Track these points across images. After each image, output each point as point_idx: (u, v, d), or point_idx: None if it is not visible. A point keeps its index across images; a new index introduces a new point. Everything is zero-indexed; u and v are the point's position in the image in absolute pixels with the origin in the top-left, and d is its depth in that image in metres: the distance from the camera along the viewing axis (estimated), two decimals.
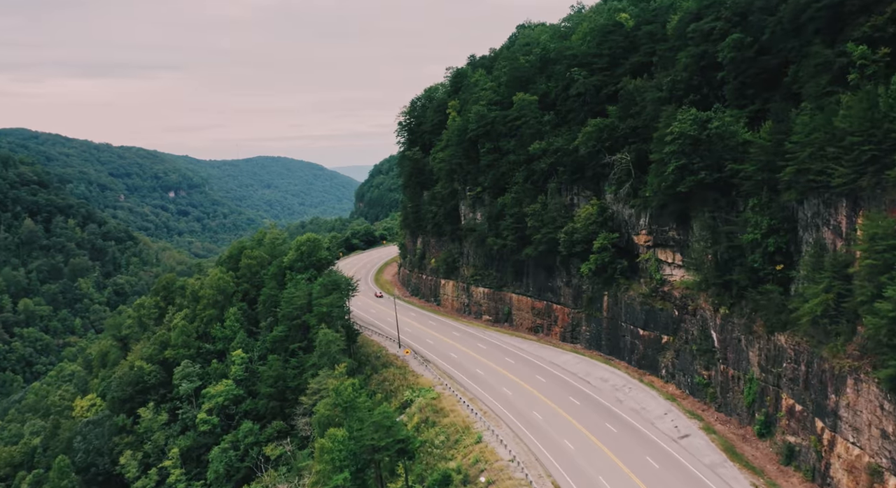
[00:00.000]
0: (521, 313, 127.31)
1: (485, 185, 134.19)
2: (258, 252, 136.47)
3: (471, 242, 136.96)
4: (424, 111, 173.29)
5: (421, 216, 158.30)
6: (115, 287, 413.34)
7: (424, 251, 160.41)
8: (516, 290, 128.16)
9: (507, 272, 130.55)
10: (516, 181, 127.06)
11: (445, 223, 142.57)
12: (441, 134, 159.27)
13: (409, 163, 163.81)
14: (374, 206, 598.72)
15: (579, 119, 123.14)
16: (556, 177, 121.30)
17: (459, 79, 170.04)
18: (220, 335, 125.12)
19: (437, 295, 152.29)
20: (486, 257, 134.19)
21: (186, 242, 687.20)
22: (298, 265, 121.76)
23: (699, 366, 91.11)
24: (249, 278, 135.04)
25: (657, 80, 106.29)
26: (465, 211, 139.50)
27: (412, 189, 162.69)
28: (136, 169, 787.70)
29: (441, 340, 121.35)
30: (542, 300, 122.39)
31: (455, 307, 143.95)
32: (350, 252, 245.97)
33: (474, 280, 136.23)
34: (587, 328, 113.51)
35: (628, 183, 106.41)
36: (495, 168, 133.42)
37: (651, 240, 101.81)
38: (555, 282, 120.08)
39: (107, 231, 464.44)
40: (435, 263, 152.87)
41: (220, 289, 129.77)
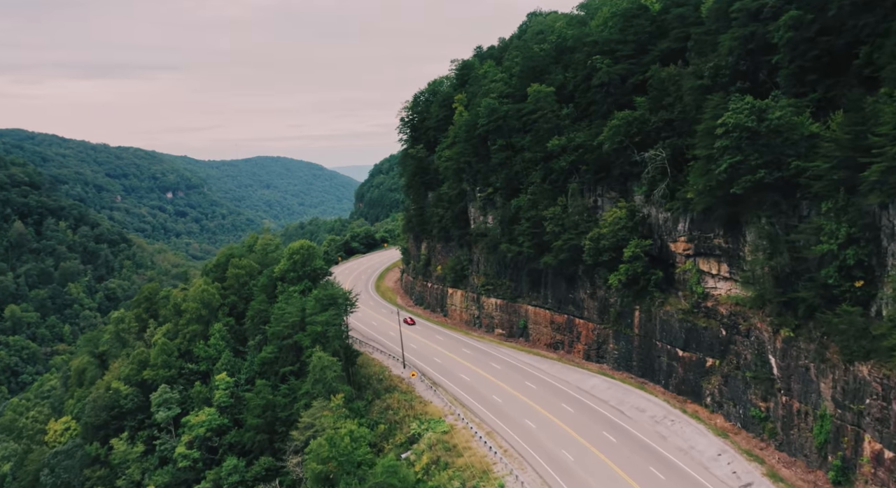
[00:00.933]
0: (539, 327, 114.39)
1: (496, 186, 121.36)
2: (247, 261, 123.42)
3: (481, 248, 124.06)
4: (428, 106, 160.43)
5: (426, 219, 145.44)
6: (107, 291, 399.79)
7: (430, 257, 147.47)
8: (533, 302, 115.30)
9: (522, 282, 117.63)
10: (532, 181, 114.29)
11: (453, 227, 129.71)
12: (447, 130, 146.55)
13: (412, 162, 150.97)
14: (374, 207, 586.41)
15: (602, 112, 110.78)
16: (578, 176, 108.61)
17: (466, 71, 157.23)
18: (204, 355, 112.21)
19: (444, 305, 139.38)
20: (498, 265, 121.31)
21: (184, 244, 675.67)
22: (291, 276, 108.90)
23: (754, 395, 78.26)
24: (237, 290, 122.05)
25: (695, 66, 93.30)
26: (475, 214, 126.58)
27: (416, 190, 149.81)
28: (134, 169, 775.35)
29: (450, 359, 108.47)
30: (563, 313, 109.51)
31: (464, 319, 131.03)
32: (350, 256, 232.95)
33: (485, 290, 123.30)
34: (615, 346, 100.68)
35: (664, 183, 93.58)
36: (508, 167, 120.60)
37: (691, 248, 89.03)
38: (577, 294, 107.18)
39: (100, 233, 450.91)
40: (441, 271, 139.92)
41: (205, 302, 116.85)
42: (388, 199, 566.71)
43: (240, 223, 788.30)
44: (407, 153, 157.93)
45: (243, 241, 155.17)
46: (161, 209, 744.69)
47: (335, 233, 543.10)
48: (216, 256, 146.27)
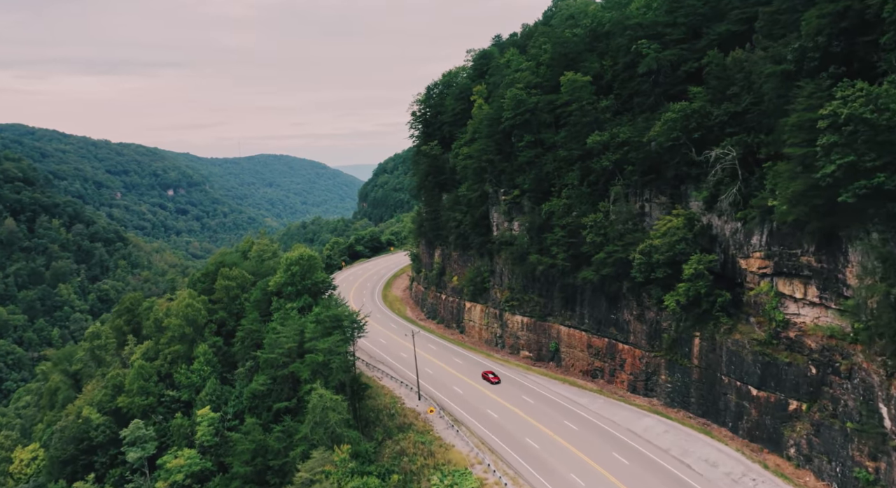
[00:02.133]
0: (573, 351, 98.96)
1: (524, 188, 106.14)
2: (238, 271, 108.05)
3: (505, 259, 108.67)
4: (443, 99, 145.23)
5: (440, 223, 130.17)
6: (100, 293, 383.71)
7: (444, 266, 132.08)
8: (566, 322, 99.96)
9: (553, 298, 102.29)
10: (567, 183, 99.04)
11: (472, 233, 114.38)
12: (464, 125, 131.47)
13: (424, 161, 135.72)
14: (378, 206, 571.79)
15: (649, 104, 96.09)
16: (621, 178, 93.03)
17: (485, 61, 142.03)
18: (186, 382, 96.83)
19: (461, 321, 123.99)
20: (525, 278, 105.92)
21: (184, 242, 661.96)
22: (288, 290, 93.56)
23: (858, 452, 62.85)
24: (227, 304, 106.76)
25: (772, 49, 77.92)
26: (498, 219, 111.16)
27: (429, 191, 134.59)
28: (135, 166, 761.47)
29: (473, 388, 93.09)
30: (603, 336, 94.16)
31: (484, 338, 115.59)
32: (354, 260, 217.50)
33: (510, 306, 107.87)
34: (668, 378, 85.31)
35: (734, 187, 77.99)
36: (537, 166, 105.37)
37: (770, 265, 73.76)
38: (620, 315, 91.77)
39: (95, 231, 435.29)
40: (458, 282, 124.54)
41: (189, 319, 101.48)
42: (392, 199, 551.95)
43: (241, 221, 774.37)
44: (419, 150, 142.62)
45: (237, 246, 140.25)
46: (162, 206, 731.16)
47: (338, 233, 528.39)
48: (205, 265, 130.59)
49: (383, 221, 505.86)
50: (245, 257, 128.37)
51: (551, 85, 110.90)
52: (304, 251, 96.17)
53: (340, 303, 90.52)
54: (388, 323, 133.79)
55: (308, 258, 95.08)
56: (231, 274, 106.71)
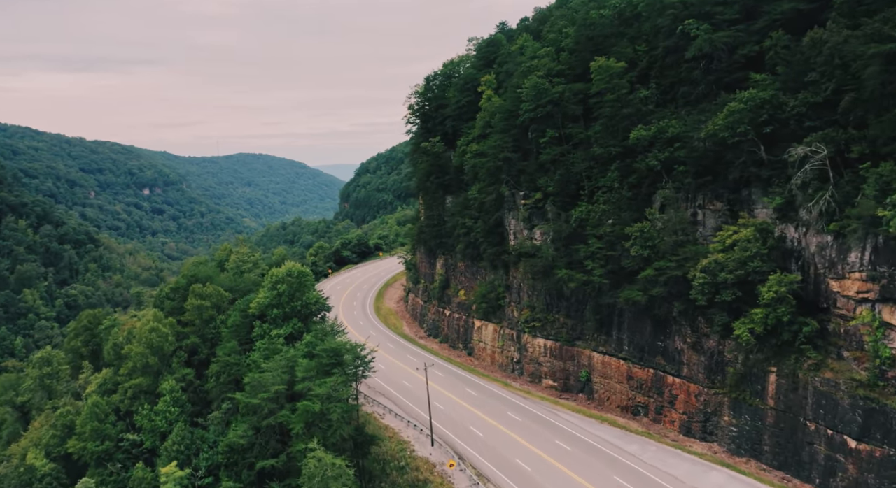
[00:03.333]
0: (609, 382, 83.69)
1: (547, 190, 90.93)
2: (213, 287, 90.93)
3: (525, 272, 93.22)
4: (444, 91, 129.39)
5: (444, 230, 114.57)
6: (67, 298, 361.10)
7: (448, 278, 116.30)
8: (600, 348, 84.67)
9: (584, 319, 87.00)
10: (602, 185, 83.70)
11: (485, 242, 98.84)
12: (471, 119, 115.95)
13: (425, 159, 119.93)
14: (360, 207, 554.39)
15: (698, 94, 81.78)
16: (670, 180, 78.02)
17: (492, 49, 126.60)
18: (149, 426, 79.81)
19: (469, 341, 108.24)
20: (549, 295, 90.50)
21: (160, 243, 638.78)
22: (274, 313, 77.06)
23: None
24: (199, 328, 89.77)
25: (870, 26, 63.73)
26: (516, 226, 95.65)
27: (431, 193, 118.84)
28: (110, 164, 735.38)
29: (495, 430, 77.44)
30: (647, 366, 79.06)
31: (498, 362, 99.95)
32: (340, 267, 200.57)
33: (530, 327, 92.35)
34: (733, 420, 70.48)
35: (825, 193, 63.21)
36: (564, 165, 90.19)
37: (873, 290, 59.42)
38: (670, 342, 76.72)
39: (64, 233, 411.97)
40: (466, 297, 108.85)
41: (154, 347, 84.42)
42: (375, 200, 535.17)
43: (219, 221, 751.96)
44: (419, 147, 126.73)
45: (213, 253, 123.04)
46: (137, 206, 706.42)
47: (319, 234, 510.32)
48: (175, 279, 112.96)
49: (366, 222, 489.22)
50: (222, 268, 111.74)
51: (576, 73, 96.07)
52: (293, 266, 79.79)
53: (338, 329, 74.31)
54: (384, 342, 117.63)
55: (298, 274, 78.70)
56: (205, 291, 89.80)
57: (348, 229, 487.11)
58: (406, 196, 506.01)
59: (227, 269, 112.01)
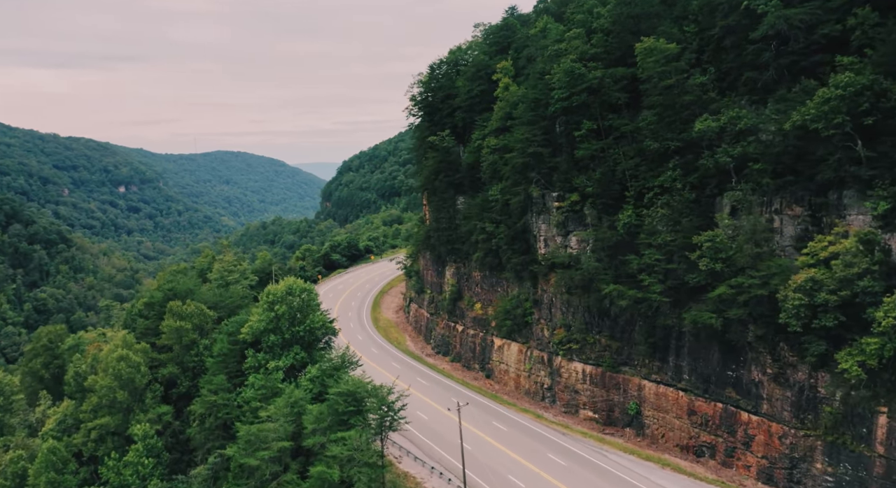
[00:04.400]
0: (664, 417, 70.39)
1: (586, 191, 77.02)
2: (194, 305, 75.47)
3: (558, 286, 79.68)
4: (451, 80, 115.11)
5: (456, 235, 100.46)
6: (36, 302, 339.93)
7: (460, 289, 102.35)
8: (653, 376, 71.39)
9: (633, 342, 73.68)
10: (656, 185, 70.14)
11: (509, 250, 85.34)
12: (486, 110, 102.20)
13: (433, 156, 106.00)
14: (343, 206, 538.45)
15: (766, 80, 68.40)
16: (739, 180, 64.86)
17: (506, 33, 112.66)
18: (117, 482, 64.39)
19: (487, 361, 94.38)
20: (589, 313, 76.97)
21: (136, 242, 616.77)
22: (271, 340, 62.37)
23: None
24: (178, 355, 74.40)
25: None
26: (547, 232, 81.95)
27: (440, 192, 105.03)
28: (84, 161, 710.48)
29: (537, 477, 63.88)
30: (714, 400, 66.03)
31: (524, 387, 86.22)
32: (330, 271, 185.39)
33: (566, 349, 78.76)
34: (828, 468, 57.80)
35: None
36: (604, 162, 76.46)
37: None
38: (745, 372, 63.82)
39: (35, 232, 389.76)
40: (483, 311, 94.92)
41: (124, 379, 68.83)
42: (358, 199, 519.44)
43: (197, 220, 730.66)
44: (424, 141, 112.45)
45: (194, 262, 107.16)
46: (112, 204, 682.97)
47: (301, 234, 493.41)
48: (148, 292, 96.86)
49: (349, 222, 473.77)
50: (203, 278, 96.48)
51: (613, 57, 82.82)
52: (295, 282, 65.08)
53: (351, 360, 59.97)
54: (387, 360, 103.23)
55: (300, 292, 64.05)
56: (184, 310, 74.51)
57: (331, 229, 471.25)
58: (390, 195, 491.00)
59: (209, 280, 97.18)
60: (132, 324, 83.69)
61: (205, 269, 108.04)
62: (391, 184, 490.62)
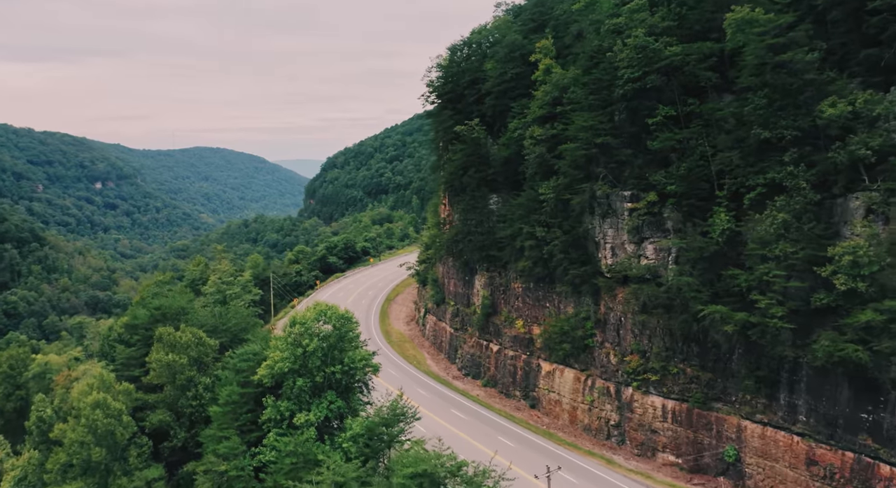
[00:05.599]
0: (773, 466, 56.75)
1: (666, 190, 63.02)
2: (189, 332, 59.12)
3: (629, 303, 65.85)
4: (478, 62, 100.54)
5: (491, 240, 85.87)
6: (6, 306, 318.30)
7: (496, 302, 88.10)
8: (758, 415, 57.75)
9: (729, 373, 60.01)
10: (764, 183, 56.08)
11: (566, 259, 70.51)
12: (523, 96, 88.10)
13: (460, 148, 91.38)
14: (327, 204, 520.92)
15: (891, 58, 54.89)
16: (876, 179, 51.09)
17: (544, 9, 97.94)
18: None
19: (532, 388, 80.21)
20: (671, 338, 62.88)
21: (113, 240, 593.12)
22: (298, 386, 46.94)
23: None
24: (172, 397, 58.49)
25: None
26: (615, 239, 67.99)
27: (470, 190, 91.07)
28: (60, 156, 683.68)
29: None
30: (843, 448, 52.70)
31: (583, 423, 72.15)
32: (327, 276, 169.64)
33: (641, 380, 65.02)
34: None
35: None
36: (689, 155, 62.24)
37: None
38: (886, 416, 50.90)
39: (5, 230, 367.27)
40: (525, 329, 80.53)
41: (101, 433, 52.98)
42: (344, 196, 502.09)
43: (175, 217, 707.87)
44: (447, 132, 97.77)
45: (183, 270, 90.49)
46: (88, 200, 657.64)
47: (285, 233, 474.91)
48: (130, 309, 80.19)
49: (335, 220, 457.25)
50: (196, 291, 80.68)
51: (691, 31, 68.71)
52: (329, 309, 49.77)
53: (404, 409, 45.41)
54: (411, 385, 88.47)
55: (338, 318, 48.71)
56: (178, 339, 58.75)
57: (316, 227, 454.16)
58: (377, 192, 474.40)
59: (203, 293, 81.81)
60: (110, 351, 67.63)
61: (196, 280, 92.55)
62: (378, 182, 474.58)
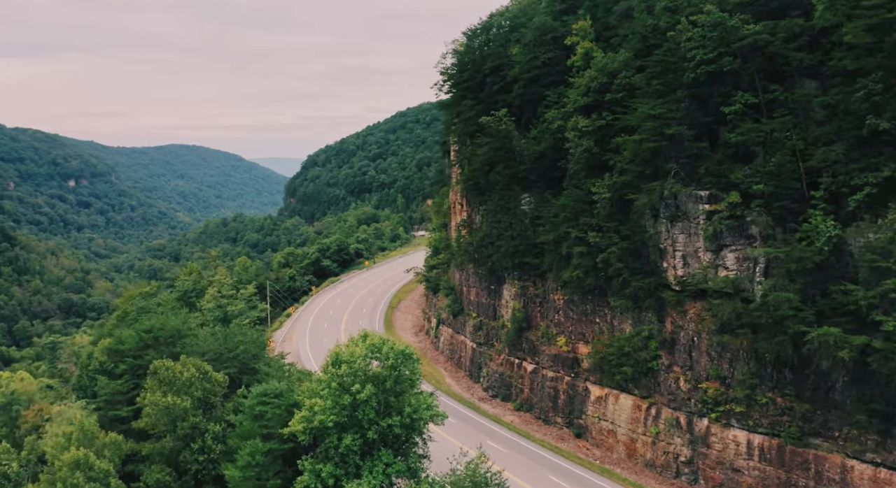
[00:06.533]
0: None
1: (751, 190, 52.69)
2: (192, 365, 46.77)
3: (705, 322, 54.91)
4: (499, 48, 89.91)
5: (526, 246, 75.23)
6: None
7: (530, 315, 77.87)
8: (867, 454, 48.48)
9: (831, 405, 49.97)
10: (875, 182, 46.02)
11: (626, 270, 60.19)
12: (558, 83, 77.79)
13: (486, 141, 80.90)
14: (308, 203, 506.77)
15: None
16: None
17: None
18: None
19: (578, 415, 70.02)
20: (757, 362, 53.08)
21: (86, 239, 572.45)
22: (346, 443, 35.83)
23: None
24: (170, 449, 45.74)
25: None
26: (685, 245, 58.01)
27: (499, 189, 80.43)
28: (32, 153, 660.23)
29: None
30: None
31: (644, 457, 62.22)
32: (321, 280, 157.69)
33: (721, 411, 55.35)
34: None
35: None
36: (776, 150, 52.37)
37: None
38: None
39: None
40: (569, 347, 70.34)
41: None
42: (325, 195, 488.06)
43: (151, 216, 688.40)
44: (471, 123, 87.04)
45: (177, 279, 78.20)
46: (61, 199, 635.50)
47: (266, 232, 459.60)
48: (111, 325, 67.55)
49: (316, 219, 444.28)
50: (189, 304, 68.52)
51: (769, 7, 58.90)
52: (385, 343, 37.95)
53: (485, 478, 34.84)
54: None
55: (396, 355, 37.28)
56: (178, 376, 46.49)
57: (298, 227, 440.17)
58: (360, 191, 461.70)
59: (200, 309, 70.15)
60: (90, 384, 54.86)
61: (188, 292, 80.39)
62: (361, 180, 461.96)
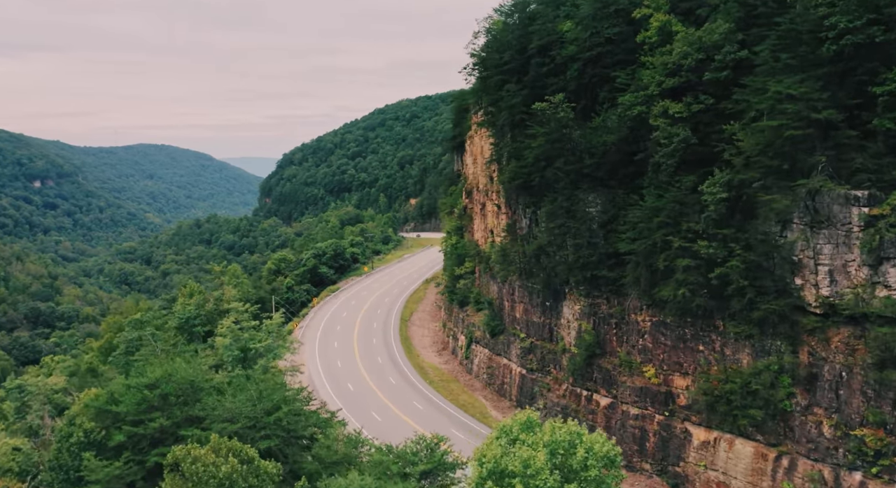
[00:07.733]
0: None
1: None
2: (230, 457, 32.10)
3: (856, 353, 42.17)
4: (549, 24, 76.57)
5: (598, 256, 62.01)
6: None
7: (603, 340, 64.70)
8: None
9: None
10: None
11: (752, 289, 47.03)
12: (628, 63, 64.70)
13: (540, 131, 67.46)
14: (285, 203, 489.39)
15: None
16: None
17: None
18: None
19: (674, 461, 57.28)
20: None
21: (53, 242, 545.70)
22: None
23: None
24: None
25: None
26: (831, 259, 45.19)
27: (559, 188, 66.10)
28: None
29: None
30: None
31: None
32: (319, 289, 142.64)
33: (881, 465, 41.91)
34: None
35: None
36: None
37: None
38: None
39: None
40: (660, 379, 57.32)
41: None
42: (303, 195, 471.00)
43: (120, 217, 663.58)
44: (517, 111, 73.53)
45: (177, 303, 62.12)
46: (27, 200, 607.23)
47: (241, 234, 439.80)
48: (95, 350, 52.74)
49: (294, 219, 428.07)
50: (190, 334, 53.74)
51: None
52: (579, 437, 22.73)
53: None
54: None
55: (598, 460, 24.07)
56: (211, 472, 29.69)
57: (276, 227, 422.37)
58: (339, 190, 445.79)
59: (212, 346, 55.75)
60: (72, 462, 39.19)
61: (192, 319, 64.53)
62: (340, 179, 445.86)
